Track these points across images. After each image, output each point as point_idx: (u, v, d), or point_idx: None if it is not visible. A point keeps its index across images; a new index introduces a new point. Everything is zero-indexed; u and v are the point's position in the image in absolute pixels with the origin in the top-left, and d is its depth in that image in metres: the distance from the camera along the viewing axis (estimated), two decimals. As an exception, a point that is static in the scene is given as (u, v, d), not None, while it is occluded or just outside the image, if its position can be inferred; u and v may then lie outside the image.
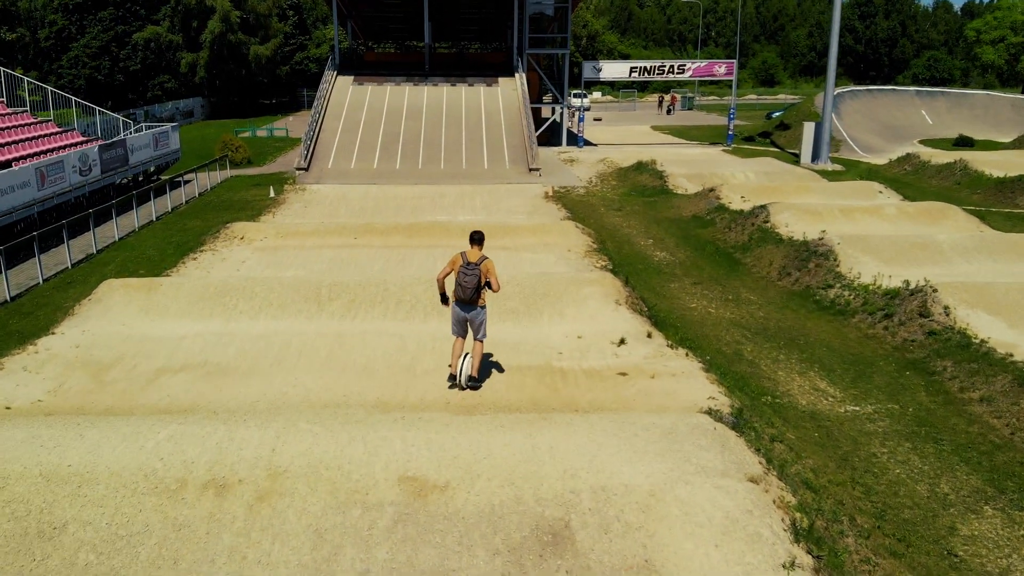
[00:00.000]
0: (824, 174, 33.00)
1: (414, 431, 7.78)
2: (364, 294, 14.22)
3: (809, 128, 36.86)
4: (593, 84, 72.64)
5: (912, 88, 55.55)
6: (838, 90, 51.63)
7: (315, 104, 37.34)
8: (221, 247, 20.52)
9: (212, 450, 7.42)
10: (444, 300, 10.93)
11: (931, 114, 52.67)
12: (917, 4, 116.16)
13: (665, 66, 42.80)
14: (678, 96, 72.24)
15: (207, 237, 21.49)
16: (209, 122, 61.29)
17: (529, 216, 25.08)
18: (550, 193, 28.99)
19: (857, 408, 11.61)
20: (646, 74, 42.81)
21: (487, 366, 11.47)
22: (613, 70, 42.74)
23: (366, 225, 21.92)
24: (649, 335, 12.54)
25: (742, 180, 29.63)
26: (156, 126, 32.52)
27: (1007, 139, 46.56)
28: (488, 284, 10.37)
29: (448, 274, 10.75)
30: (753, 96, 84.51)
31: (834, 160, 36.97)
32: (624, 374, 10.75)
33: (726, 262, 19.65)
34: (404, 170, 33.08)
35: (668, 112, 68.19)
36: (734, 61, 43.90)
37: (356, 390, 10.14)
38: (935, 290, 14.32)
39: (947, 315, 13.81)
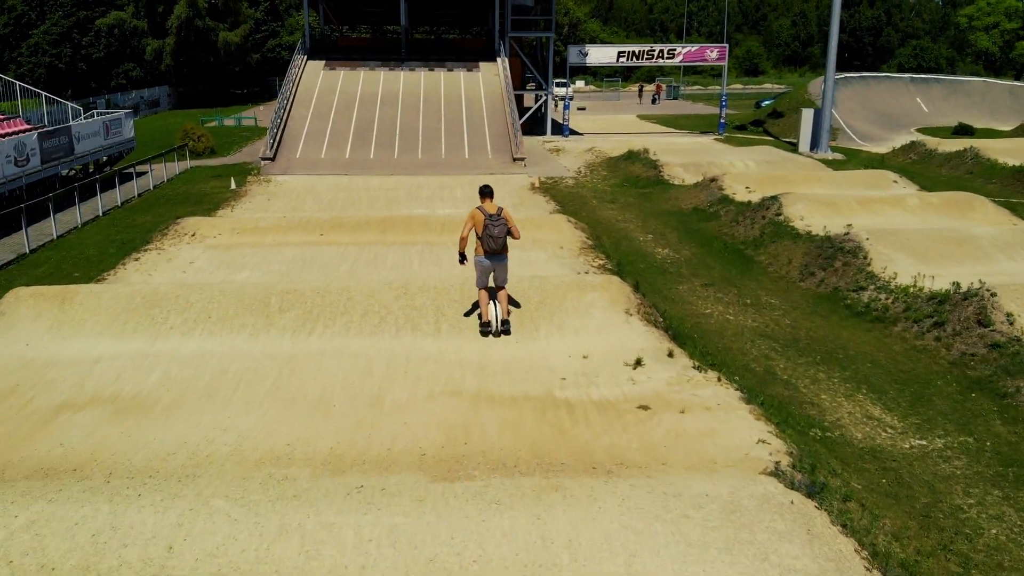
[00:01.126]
0: (826, 163, 31.02)
1: (374, 513, 5.61)
2: (323, 304, 11.94)
3: (808, 115, 34.88)
4: (579, 70, 70.42)
5: (906, 75, 53.82)
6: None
7: (283, 90, 34.85)
8: (169, 245, 18.14)
9: (84, 548, 5.21)
10: (463, 259, 10.99)
11: (926, 102, 50.93)
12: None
13: (654, 50, 40.66)
14: (663, 85, 70.14)
15: (155, 234, 19.09)
16: (176, 112, 58.46)
17: (515, 209, 22.79)
18: (536, 184, 26.77)
19: (924, 442, 9.51)
20: (634, 59, 40.65)
21: (475, 398, 9.28)
22: (600, 55, 40.55)
23: (334, 219, 19.60)
24: (670, 354, 10.38)
25: (743, 169, 27.54)
26: (108, 112, 29.95)
27: (1006, 127, 44.87)
28: (510, 232, 10.69)
29: (471, 230, 10.76)
30: (739, 85, 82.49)
31: (833, 149, 35.01)
32: (646, 407, 8.58)
33: (737, 260, 17.52)
34: (379, 159, 30.73)
35: (653, 101, 66.08)
36: (726, 46, 41.84)
37: (305, 435, 7.90)
38: (993, 294, 12.24)
39: (1011, 324, 11.74)
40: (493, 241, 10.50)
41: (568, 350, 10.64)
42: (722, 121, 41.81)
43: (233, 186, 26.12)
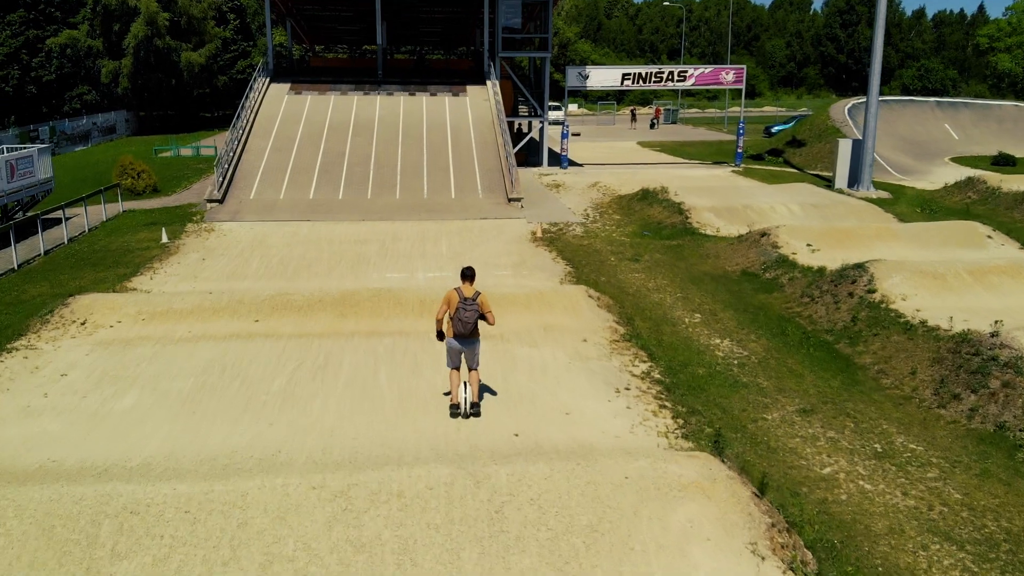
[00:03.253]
0: (871, 202, 26.41)
1: None
2: (194, 539, 6.87)
3: (846, 147, 30.28)
4: (578, 94, 66.04)
5: (932, 99, 49.54)
6: (852, 101, 45.54)
7: (237, 117, 29.95)
8: (46, 341, 13.15)
9: None
10: (440, 337, 10.43)
11: (955, 128, 46.61)
12: (902, 12, 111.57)
13: (664, 72, 36.09)
14: (661, 109, 65.75)
15: (35, 320, 14.09)
16: (133, 139, 53.36)
17: (515, 271, 18.01)
18: (539, 234, 21.95)
19: None
20: (641, 82, 36.05)
21: None
22: (603, 77, 35.94)
23: (278, 296, 14.64)
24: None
25: (786, 215, 22.84)
26: (20, 148, 24.90)
27: (1049, 156, 40.54)
28: (483, 317, 10.28)
29: (445, 312, 10.33)
30: (736, 108, 78.23)
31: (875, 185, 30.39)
32: None
33: (830, 361, 12.69)
34: (349, 201, 25.84)
35: (652, 126, 61.66)
36: (743, 68, 37.35)
37: None
38: None
39: None
40: (463, 325, 10.20)
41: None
42: (739, 151, 37.22)
43: (164, 239, 21.13)
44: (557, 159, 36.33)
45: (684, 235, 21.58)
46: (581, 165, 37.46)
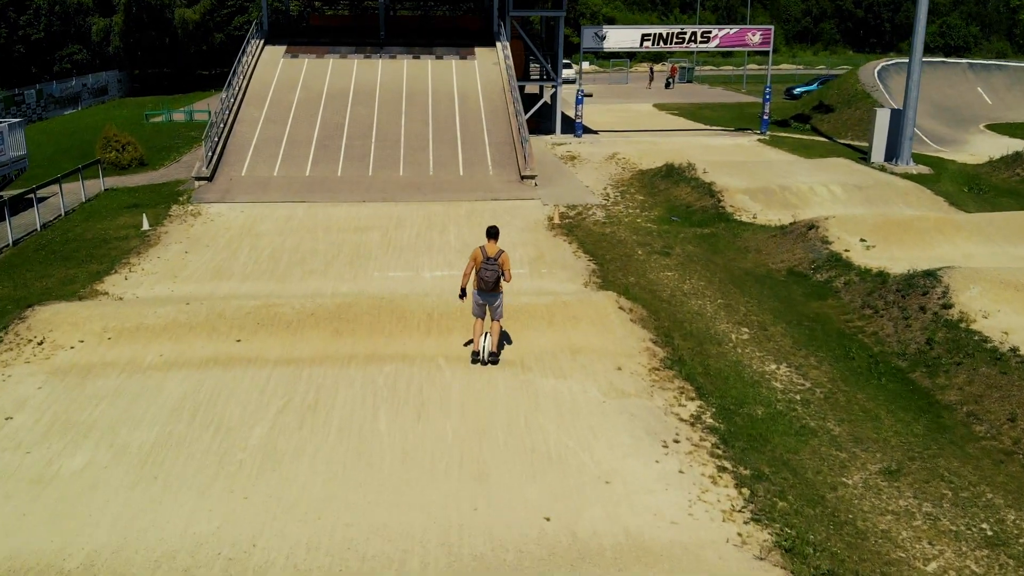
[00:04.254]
0: (910, 178, 24.38)
1: None
2: None
3: (883, 117, 28.07)
4: (596, 55, 63.33)
5: (963, 60, 46.96)
6: (882, 62, 43.07)
7: (229, 84, 27.83)
8: (-6, 364, 11.36)
9: None
10: (463, 295, 11.21)
11: (988, 91, 44.17)
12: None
13: (686, 33, 33.70)
14: (677, 67, 62.99)
15: (-13, 334, 12.31)
16: (125, 100, 51.13)
17: (533, 268, 16.13)
18: (556, 220, 20.01)
19: None
20: (662, 43, 33.68)
21: None
22: (621, 38, 33.55)
23: (263, 310, 12.79)
24: None
25: (828, 198, 20.85)
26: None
27: (1091, 123, 38.26)
28: (502, 274, 10.94)
29: (472, 270, 11.06)
30: (753, 66, 75.30)
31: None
32: None
33: (907, 398, 10.85)
34: (348, 178, 23.87)
35: (667, 85, 59.06)
36: (770, 28, 34.93)
37: None
38: None
39: None
40: (484, 283, 10.91)
41: None
42: (765, 118, 34.96)
43: (146, 226, 19.24)
44: (571, 125, 34.18)
45: (717, 221, 19.61)
46: (596, 132, 35.30)
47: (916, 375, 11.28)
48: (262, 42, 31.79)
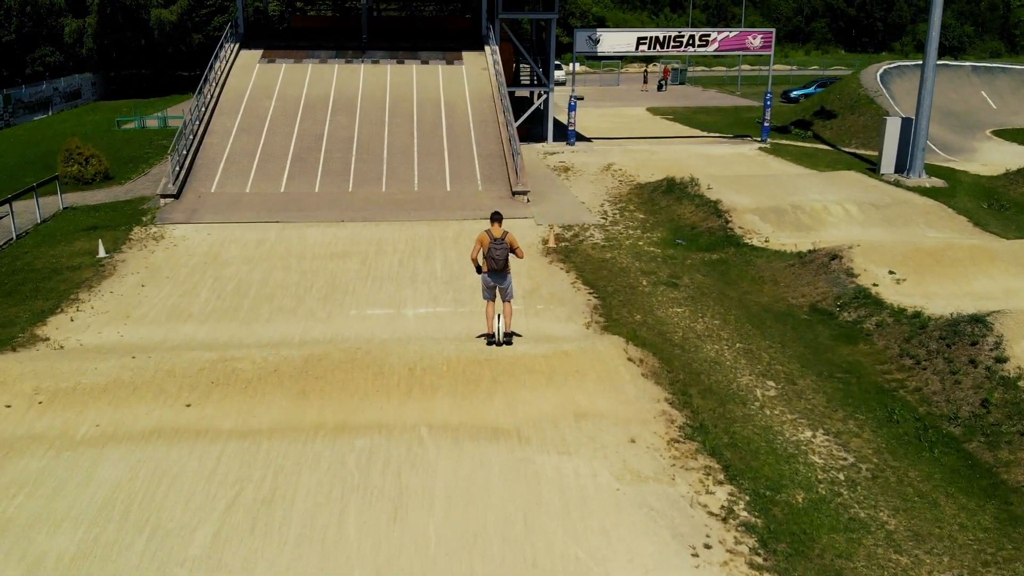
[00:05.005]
0: (923, 191, 22.95)
1: None
2: None
3: (894, 127, 26.61)
4: (590, 58, 61.61)
5: (967, 63, 45.62)
6: (883, 66, 41.62)
7: (200, 92, 26.09)
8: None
9: None
10: (479, 270, 11.85)
11: (992, 95, 42.86)
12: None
13: (683, 36, 32.12)
14: (669, 68, 61.45)
15: (-100, 396, 10.59)
16: (99, 104, 49.11)
17: (528, 303, 14.51)
18: (552, 243, 18.43)
19: None
20: (658, 46, 32.11)
21: None
22: (615, 41, 31.92)
23: (219, 365, 11.11)
24: None
25: (843, 218, 19.36)
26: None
27: (1101, 128, 36.97)
28: (514, 251, 11.69)
29: (479, 251, 11.72)
30: (747, 67, 73.76)
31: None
32: None
33: (967, 477, 9.31)
34: (327, 195, 22.19)
35: (659, 88, 57.53)
36: (771, 31, 33.39)
37: None
38: None
39: None
40: (494, 262, 11.59)
41: None
42: (766, 125, 33.43)
43: (102, 252, 17.51)
44: (563, 131, 32.57)
45: (726, 245, 18.05)
46: (590, 140, 33.71)
47: (973, 446, 9.74)
48: (237, 46, 30.04)
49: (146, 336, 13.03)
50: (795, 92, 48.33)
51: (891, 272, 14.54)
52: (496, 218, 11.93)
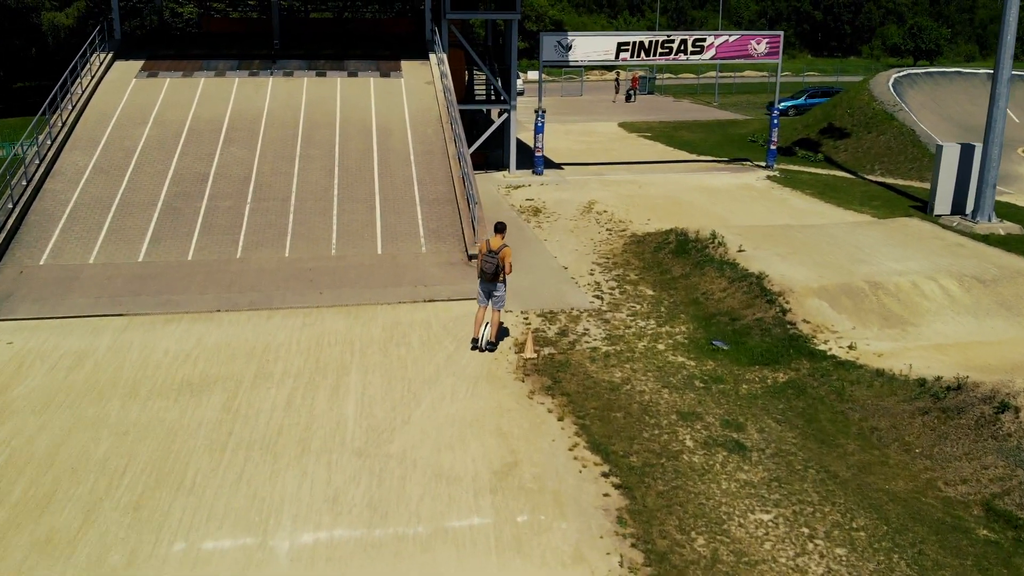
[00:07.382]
0: (999, 242, 17.37)
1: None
2: None
3: (951, 156, 21.06)
4: (560, 67, 55.47)
5: (981, 71, 40.53)
6: (893, 74, 36.17)
7: (47, 120, 19.37)
8: None
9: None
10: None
11: (1014, 107, 37.66)
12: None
13: (674, 42, 26.19)
14: (638, 76, 55.65)
15: None
16: (-20, 123, 41.75)
17: (498, 510, 8.23)
18: (528, 353, 12.16)
19: None
20: (643, 54, 26.12)
21: None
22: (590, 48, 25.82)
23: None
24: None
25: (944, 303, 13.42)
26: None
27: None
28: (502, 267, 11.80)
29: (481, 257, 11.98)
30: (712, 73, 68.12)
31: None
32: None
33: None
34: (203, 265, 15.66)
35: (628, 98, 51.72)
36: (779, 35, 27.58)
37: None
38: None
39: None
40: (483, 273, 11.85)
41: None
42: (772, 148, 27.64)
43: None
44: (527, 156, 26.44)
45: (792, 353, 11.95)
46: (560, 166, 27.65)
47: None
48: (110, 55, 23.35)
49: None
50: (784, 103, 42.77)
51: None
52: (499, 229, 12.04)
